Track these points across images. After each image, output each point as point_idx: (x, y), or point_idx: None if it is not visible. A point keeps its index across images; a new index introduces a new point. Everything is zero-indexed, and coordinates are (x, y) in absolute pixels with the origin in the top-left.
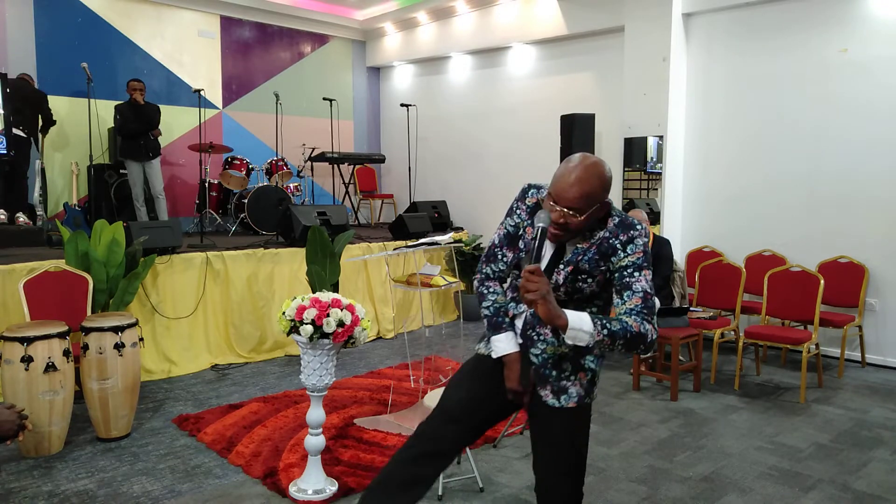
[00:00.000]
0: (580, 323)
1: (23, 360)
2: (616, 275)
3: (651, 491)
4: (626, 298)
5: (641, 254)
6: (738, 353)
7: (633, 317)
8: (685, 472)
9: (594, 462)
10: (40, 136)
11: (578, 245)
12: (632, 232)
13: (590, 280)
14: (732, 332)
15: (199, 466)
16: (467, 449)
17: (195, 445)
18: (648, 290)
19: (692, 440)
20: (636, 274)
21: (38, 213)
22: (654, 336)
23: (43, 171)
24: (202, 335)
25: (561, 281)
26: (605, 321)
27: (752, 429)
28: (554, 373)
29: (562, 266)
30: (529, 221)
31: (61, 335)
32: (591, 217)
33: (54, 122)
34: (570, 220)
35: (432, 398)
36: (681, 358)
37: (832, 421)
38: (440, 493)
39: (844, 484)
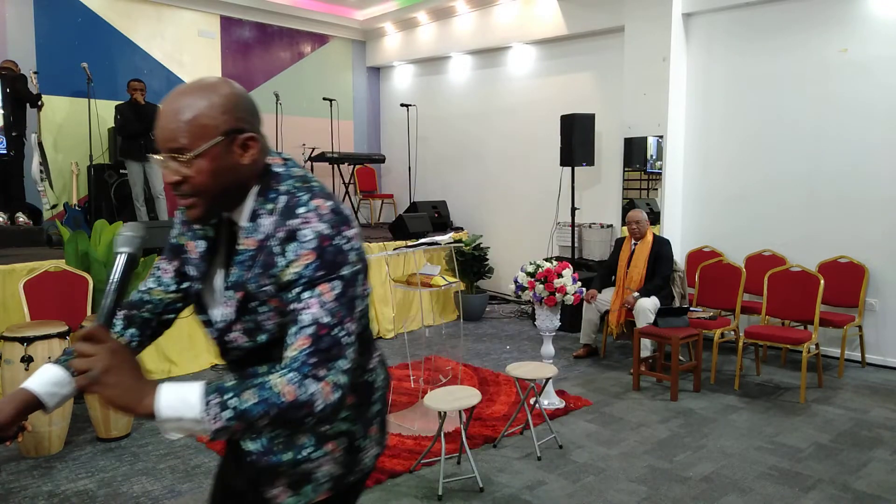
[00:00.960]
0: (179, 406)
1: (23, 360)
2: (284, 300)
3: (651, 491)
4: (289, 341)
5: (314, 257)
6: (738, 353)
7: (288, 375)
8: (685, 472)
9: (594, 462)
10: (36, 111)
11: (244, 248)
12: (292, 221)
13: (265, 310)
14: (732, 332)
15: (199, 466)
16: (467, 449)
17: (195, 445)
18: (325, 321)
19: (692, 440)
20: (305, 294)
21: (38, 189)
22: (330, 401)
23: (41, 145)
24: (202, 335)
25: (233, 316)
26: (230, 395)
27: (752, 429)
28: (288, 456)
29: (228, 290)
30: (183, 231)
31: (61, 335)
32: (219, 163)
33: (39, 95)
34: (184, 175)
35: (432, 398)
36: (681, 358)
37: (832, 421)
38: (440, 493)
39: (844, 484)
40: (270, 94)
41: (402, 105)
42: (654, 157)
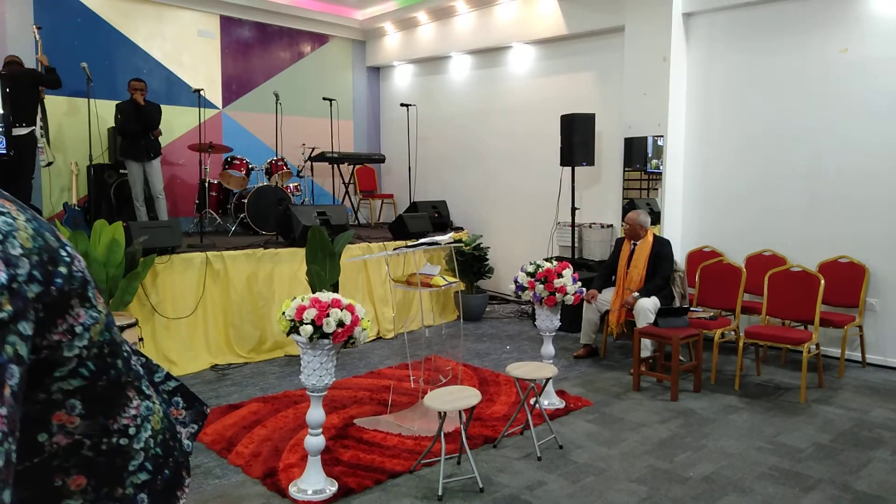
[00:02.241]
0: None
1: None
2: None
3: (651, 491)
4: None
5: None
6: (739, 353)
7: None
8: (685, 472)
9: (594, 462)
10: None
11: None
12: None
13: None
14: (733, 332)
15: (199, 466)
16: (467, 449)
17: (194, 446)
18: None
19: (692, 440)
20: None
21: (39, 146)
22: None
23: (43, 105)
24: (202, 335)
25: None
26: None
27: (752, 429)
28: None
29: None
30: None
31: None
32: None
33: (53, 69)
34: None
35: (432, 398)
36: (681, 358)
37: (832, 421)
38: (440, 494)
39: (845, 484)
40: (270, 94)
41: (402, 105)
42: (653, 157)
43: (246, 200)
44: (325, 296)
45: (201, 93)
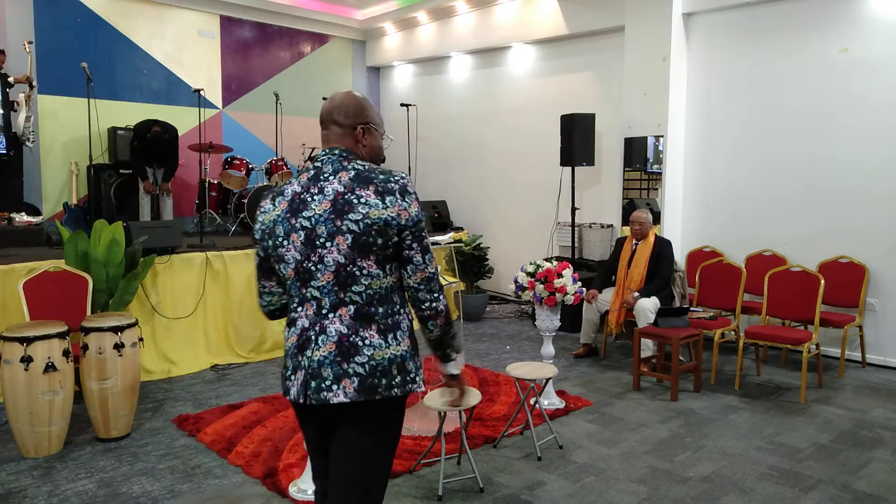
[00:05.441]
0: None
1: (22, 360)
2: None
3: (651, 491)
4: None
5: None
6: (739, 353)
7: None
8: (685, 472)
9: (594, 462)
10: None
11: None
12: None
13: None
14: (733, 332)
15: (199, 466)
16: (467, 449)
17: (195, 446)
18: None
19: (692, 440)
20: None
21: (28, 145)
22: None
23: (29, 99)
24: (202, 335)
25: None
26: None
27: (752, 429)
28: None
29: None
30: None
31: (61, 335)
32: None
33: (29, 79)
34: None
35: (432, 398)
36: (681, 358)
37: (832, 421)
38: (440, 494)
39: (845, 484)
40: (270, 94)
41: (402, 105)
42: (653, 157)
43: (246, 200)
44: None
45: (201, 93)
